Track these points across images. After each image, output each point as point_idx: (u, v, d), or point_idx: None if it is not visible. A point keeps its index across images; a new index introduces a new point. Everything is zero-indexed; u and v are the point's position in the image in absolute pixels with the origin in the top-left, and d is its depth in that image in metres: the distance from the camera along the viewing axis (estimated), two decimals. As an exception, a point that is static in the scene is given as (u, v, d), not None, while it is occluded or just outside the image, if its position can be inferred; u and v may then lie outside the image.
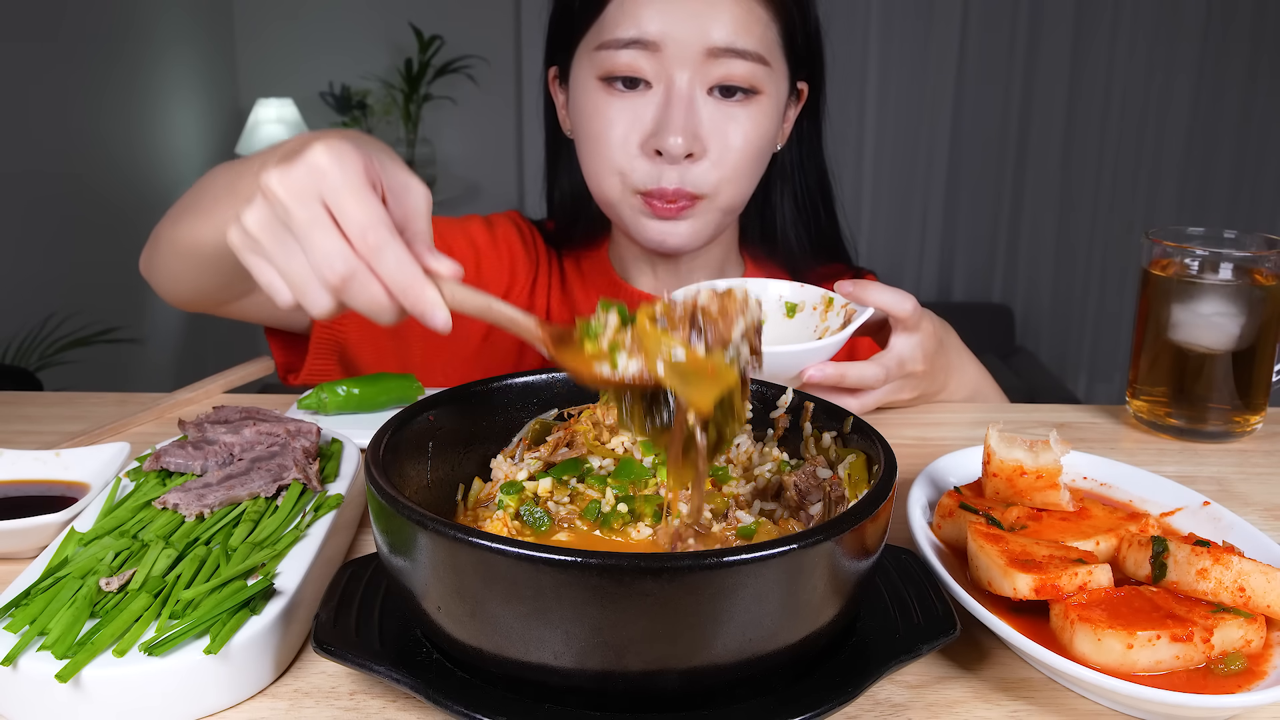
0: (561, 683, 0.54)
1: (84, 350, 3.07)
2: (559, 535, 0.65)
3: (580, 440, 0.73)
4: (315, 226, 0.64)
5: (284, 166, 0.65)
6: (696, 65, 1.08)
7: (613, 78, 1.10)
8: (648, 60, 1.09)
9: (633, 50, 1.08)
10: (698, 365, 0.61)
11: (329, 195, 0.64)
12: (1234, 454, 1.02)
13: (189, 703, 0.58)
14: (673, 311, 0.62)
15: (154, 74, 3.96)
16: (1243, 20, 4.48)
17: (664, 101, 1.09)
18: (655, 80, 1.10)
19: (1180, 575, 0.64)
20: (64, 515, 0.75)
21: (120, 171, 3.71)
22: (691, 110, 1.09)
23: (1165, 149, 4.66)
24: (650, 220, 1.14)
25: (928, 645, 0.60)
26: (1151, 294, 1.05)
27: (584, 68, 1.14)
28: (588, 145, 1.15)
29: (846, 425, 0.71)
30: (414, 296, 0.64)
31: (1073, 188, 4.75)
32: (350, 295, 0.65)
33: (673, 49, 1.08)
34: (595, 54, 1.11)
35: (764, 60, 1.11)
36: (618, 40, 1.09)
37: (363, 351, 1.18)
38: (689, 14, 1.07)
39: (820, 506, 0.67)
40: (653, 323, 0.62)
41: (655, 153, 1.10)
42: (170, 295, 1.09)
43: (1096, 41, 4.55)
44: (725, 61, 1.08)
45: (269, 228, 0.66)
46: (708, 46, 1.08)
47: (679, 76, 1.08)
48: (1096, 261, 4.83)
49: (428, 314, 0.65)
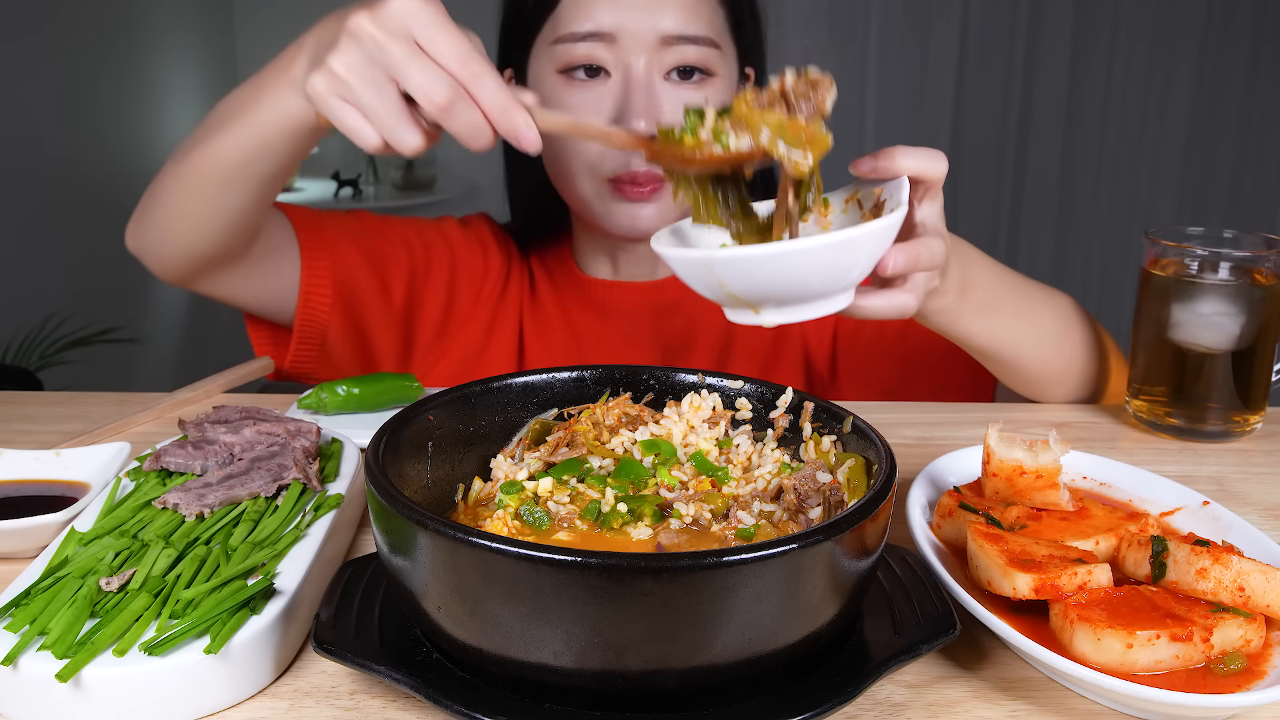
0: (561, 682, 0.54)
1: (84, 350, 3.07)
2: (559, 535, 0.65)
3: (580, 440, 0.73)
4: (413, 59, 0.71)
5: (373, 10, 0.72)
6: (652, 52, 1.12)
7: (572, 68, 1.13)
8: (605, 50, 1.12)
9: (589, 43, 1.11)
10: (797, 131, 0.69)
11: (420, 31, 0.71)
12: (1234, 454, 1.03)
13: (189, 703, 0.58)
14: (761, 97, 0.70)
15: (154, 73, 3.96)
16: (1242, 20, 4.48)
17: (624, 88, 1.12)
18: (613, 69, 1.13)
19: (1180, 575, 0.64)
20: (64, 515, 0.75)
21: (120, 171, 3.71)
22: (651, 94, 1.12)
23: (1165, 149, 4.66)
24: (620, 204, 1.16)
25: (927, 645, 0.60)
26: (1151, 294, 1.05)
27: (542, 63, 1.16)
28: (554, 140, 1.17)
29: (846, 425, 0.71)
30: (509, 118, 0.72)
31: (1073, 188, 4.74)
32: (451, 119, 0.72)
33: (628, 39, 1.11)
34: (552, 48, 1.14)
35: (714, 44, 1.14)
36: (574, 34, 1.12)
37: (343, 340, 1.21)
38: (640, 5, 1.11)
39: (820, 511, 0.67)
40: (749, 107, 0.70)
41: None
42: (167, 254, 1.07)
43: (1096, 42, 4.55)
44: (679, 47, 1.12)
45: (360, 69, 0.73)
46: (661, 35, 1.11)
47: (635, 63, 1.11)
48: (1096, 261, 4.83)
49: (520, 134, 0.73)
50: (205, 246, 1.05)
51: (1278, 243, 1.01)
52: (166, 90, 4.06)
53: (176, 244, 1.06)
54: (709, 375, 0.79)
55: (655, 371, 0.79)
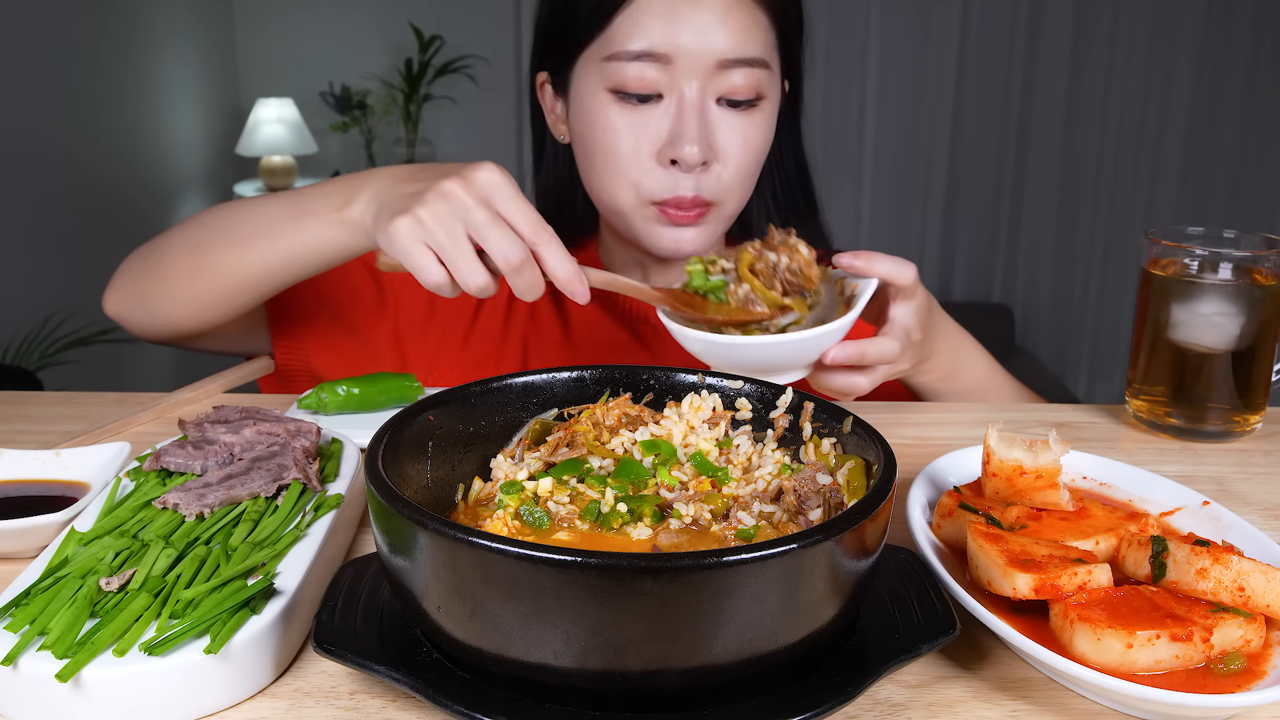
0: (561, 682, 0.54)
1: (84, 350, 3.07)
2: (559, 535, 0.65)
3: (580, 440, 0.73)
4: (495, 224, 0.87)
5: (464, 177, 0.88)
6: (706, 76, 1.10)
7: (623, 91, 1.11)
8: (658, 72, 1.09)
9: (642, 62, 1.09)
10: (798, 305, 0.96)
11: (503, 203, 0.87)
12: (1233, 454, 1.03)
13: (189, 703, 0.58)
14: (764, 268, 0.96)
15: (154, 74, 3.96)
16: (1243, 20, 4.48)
17: (677, 112, 1.10)
18: (666, 91, 1.11)
19: (1180, 575, 0.64)
20: (64, 515, 0.75)
21: (121, 172, 3.71)
22: (705, 119, 1.11)
23: (1165, 149, 4.66)
24: (664, 228, 1.15)
25: (927, 645, 0.60)
26: (1151, 294, 1.05)
27: (590, 78, 1.14)
28: (599, 157, 1.15)
29: (846, 425, 0.71)
30: (571, 283, 0.89)
31: (1073, 188, 4.74)
32: (518, 277, 0.87)
33: (683, 61, 1.09)
34: (603, 65, 1.11)
35: (766, 65, 1.13)
36: (627, 52, 1.09)
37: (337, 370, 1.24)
38: (697, 25, 1.08)
39: (820, 512, 0.67)
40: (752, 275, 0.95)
41: (670, 162, 1.12)
42: (154, 325, 1.16)
43: (1096, 41, 4.55)
44: (734, 71, 1.10)
45: (445, 221, 0.87)
46: (717, 58, 1.09)
47: (689, 87, 1.10)
48: (1096, 261, 4.83)
49: (577, 293, 0.89)
50: (197, 327, 1.14)
51: (1278, 243, 1.01)
52: (166, 90, 4.06)
53: (167, 319, 1.14)
54: (709, 375, 0.79)
55: (655, 372, 0.79)
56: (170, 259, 1.11)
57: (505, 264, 0.86)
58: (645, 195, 1.14)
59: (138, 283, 1.14)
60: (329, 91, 4.59)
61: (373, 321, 1.26)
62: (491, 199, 0.87)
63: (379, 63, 4.61)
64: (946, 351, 1.12)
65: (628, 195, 1.15)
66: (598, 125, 1.14)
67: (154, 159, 3.97)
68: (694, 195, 1.12)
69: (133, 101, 3.80)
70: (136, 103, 3.82)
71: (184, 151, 4.20)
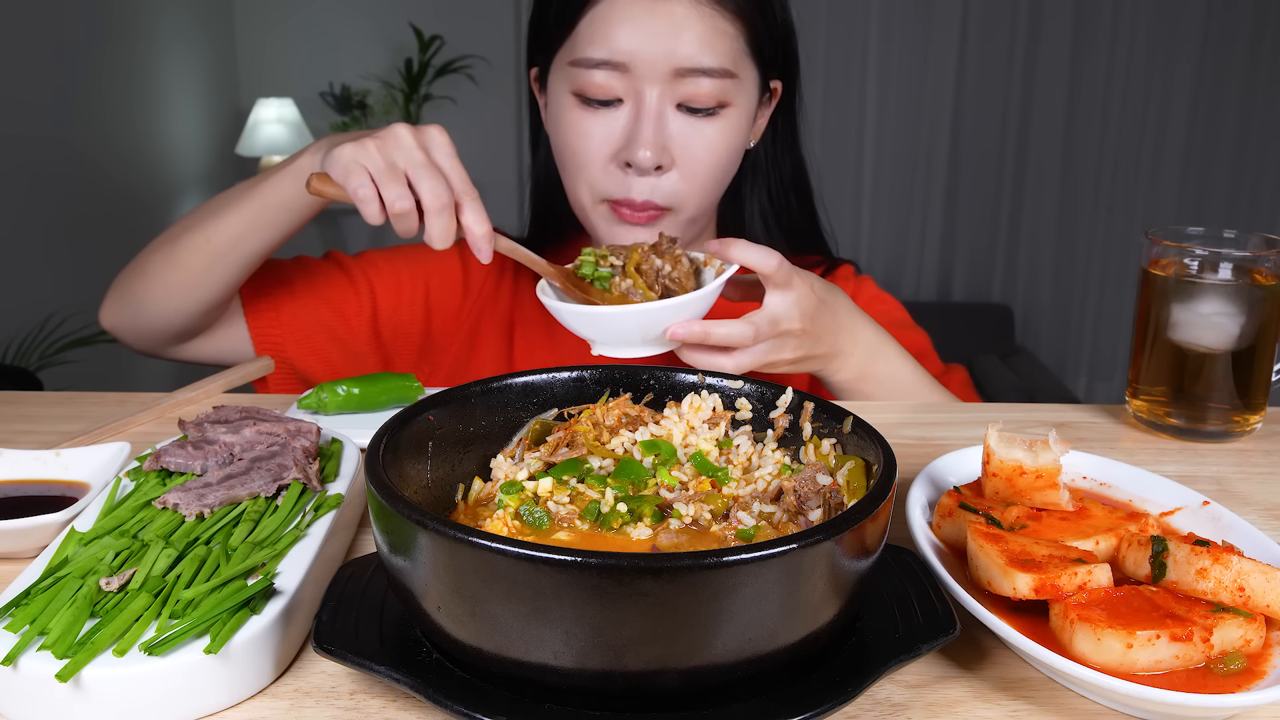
0: (561, 682, 0.54)
1: (84, 350, 3.07)
2: (559, 535, 0.65)
3: (580, 440, 0.73)
4: (429, 169, 0.96)
5: (415, 128, 0.97)
6: (665, 83, 1.13)
7: (585, 95, 1.15)
8: (617, 78, 1.13)
9: (604, 70, 1.13)
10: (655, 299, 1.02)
11: (441, 156, 0.97)
12: (1234, 454, 1.03)
13: (189, 703, 0.58)
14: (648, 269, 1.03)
15: (154, 74, 3.96)
16: (1243, 20, 4.48)
17: (634, 117, 1.14)
18: (626, 96, 1.14)
19: (1180, 575, 0.64)
20: (64, 515, 0.75)
21: (121, 172, 3.71)
22: (661, 125, 1.14)
23: (1165, 149, 4.66)
24: (618, 227, 1.19)
25: (927, 645, 0.60)
26: (1151, 294, 1.05)
27: (559, 81, 1.19)
28: (564, 156, 1.21)
29: (846, 425, 0.71)
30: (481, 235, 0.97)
31: (1073, 188, 4.75)
32: (435, 219, 0.95)
33: (640, 69, 1.12)
34: (569, 69, 1.16)
35: (730, 73, 1.14)
36: (589, 60, 1.13)
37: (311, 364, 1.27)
38: (656, 33, 1.11)
39: (820, 513, 0.67)
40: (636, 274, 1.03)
41: (626, 165, 1.15)
42: (142, 328, 1.19)
43: (1096, 41, 4.55)
44: (692, 80, 1.13)
45: (388, 154, 0.95)
46: (675, 67, 1.12)
47: (648, 93, 1.13)
48: (1096, 261, 4.83)
49: (482, 251, 0.98)
50: (180, 321, 1.17)
51: (1278, 243, 1.01)
52: (167, 91, 4.05)
53: (153, 319, 1.18)
54: (709, 375, 0.79)
55: (655, 372, 0.79)
56: (148, 257, 1.16)
57: (430, 204, 0.94)
58: (600, 194, 1.18)
59: (124, 290, 1.19)
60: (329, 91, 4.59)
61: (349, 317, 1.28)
62: (432, 149, 0.97)
63: (379, 63, 4.61)
64: (858, 352, 1.10)
65: (586, 194, 1.20)
66: (562, 125, 1.18)
67: (154, 159, 3.97)
68: (645, 199, 1.16)
69: (133, 102, 3.80)
70: (137, 103, 3.82)
71: (184, 151, 4.20)
